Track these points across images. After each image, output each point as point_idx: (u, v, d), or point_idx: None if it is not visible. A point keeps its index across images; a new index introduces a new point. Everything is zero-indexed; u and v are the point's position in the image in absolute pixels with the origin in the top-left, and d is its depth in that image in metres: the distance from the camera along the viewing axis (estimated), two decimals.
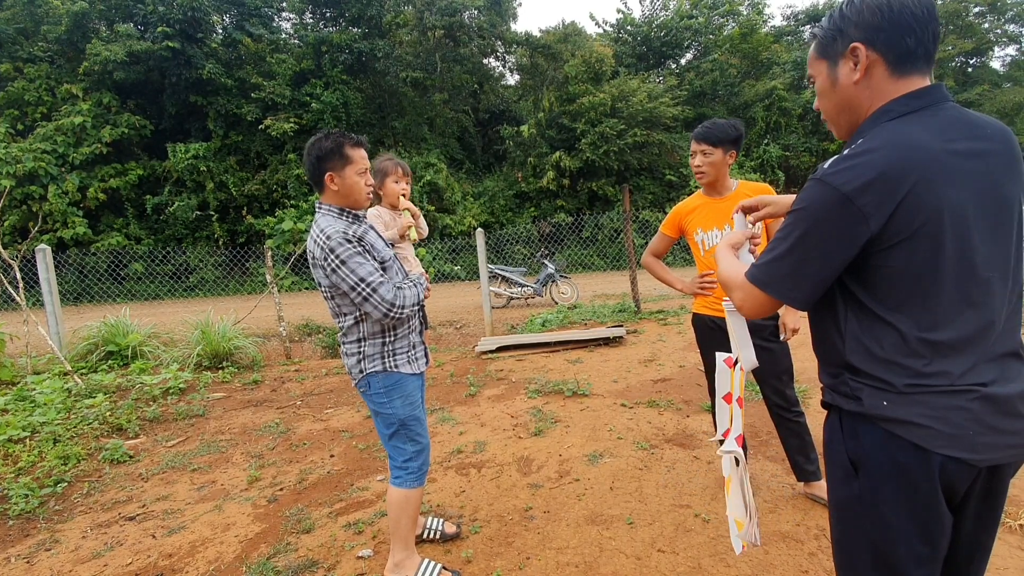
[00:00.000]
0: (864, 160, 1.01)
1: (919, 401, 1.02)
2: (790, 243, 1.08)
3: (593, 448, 3.40)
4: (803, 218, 1.07)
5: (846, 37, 1.10)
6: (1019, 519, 2.36)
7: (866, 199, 0.99)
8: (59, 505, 3.16)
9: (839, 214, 1.01)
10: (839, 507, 1.17)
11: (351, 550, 2.49)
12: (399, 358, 2.10)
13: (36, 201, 14.36)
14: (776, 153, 18.31)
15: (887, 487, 1.06)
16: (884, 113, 1.08)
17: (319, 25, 19.33)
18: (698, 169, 2.50)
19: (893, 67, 1.07)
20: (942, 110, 1.06)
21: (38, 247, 5.99)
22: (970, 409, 1.00)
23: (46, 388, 4.76)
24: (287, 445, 3.88)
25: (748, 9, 22.82)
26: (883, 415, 1.05)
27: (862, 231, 1.01)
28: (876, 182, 0.99)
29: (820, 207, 1.04)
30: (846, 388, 1.11)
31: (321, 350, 6.88)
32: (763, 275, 1.13)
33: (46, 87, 15.69)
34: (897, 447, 1.04)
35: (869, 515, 1.10)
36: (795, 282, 1.09)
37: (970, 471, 1.03)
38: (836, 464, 1.15)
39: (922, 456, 1.02)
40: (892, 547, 1.08)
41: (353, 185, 2.01)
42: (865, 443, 1.08)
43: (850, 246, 1.03)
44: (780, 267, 1.10)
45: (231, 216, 16.55)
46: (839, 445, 1.14)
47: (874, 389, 1.06)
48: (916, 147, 1.00)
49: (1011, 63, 27.04)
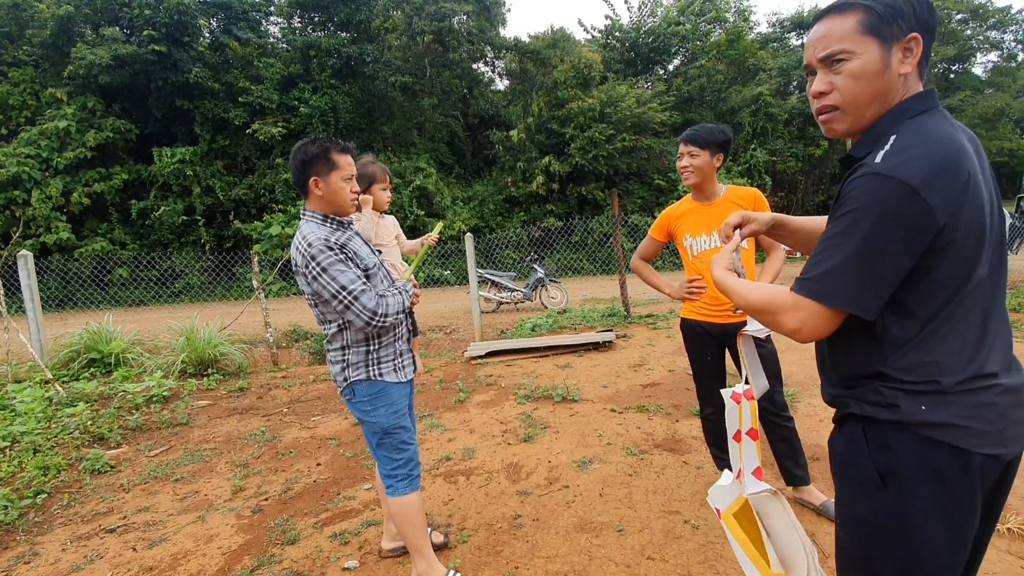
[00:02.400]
0: (920, 151, 0.96)
1: (954, 401, 1.00)
2: (854, 246, 0.98)
3: (583, 454, 3.39)
4: (864, 216, 0.96)
5: (907, 23, 1.02)
6: (1007, 523, 2.37)
7: (932, 191, 0.93)
8: (38, 517, 3.09)
9: (907, 207, 0.94)
10: (859, 523, 1.10)
11: (337, 561, 2.45)
12: (384, 366, 2.07)
13: (19, 206, 14.11)
14: (763, 158, 18.46)
15: (922, 496, 1.01)
16: (904, 111, 1.06)
17: (307, 29, 19.22)
18: (684, 170, 2.50)
19: (922, 68, 1.08)
20: (942, 112, 1.07)
21: (19, 253, 5.89)
22: (997, 403, 1.00)
23: (26, 397, 4.66)
24: (273, 454, 3.82)
25: (735, 16, 23.06)
26: (922, 420, 1.01)
27: (931, 225, 0.94)
28: (940, 173, 0.94)
29: (884, 201, 0.95)
30: (878, 396, 1.05)
31: (309, 356, 6.81)
32: (825, 287, 1.01)
33: (30, 91, 15.45)
34: (935, 453, 1.00)
35: (898, 529, 1.04)
36: (866, 289, 0.99)
37: (999, 467, 1.02)
38: (856, 478, 1.09)
39: (961, 457, 0.99)
40: (920, 559, 1.03)
41: (338, 191, 1.98)
42: (898, 452, 1.03)
43: (919, 243, 0.95)
44: (845, 275, 0.99)
45: (218, 221, 16.37)
46: (862, 458, 1.07)
47: (911, 394, 1.02)
48: (959, 142, 0.99)
49: (993, 69, 27.57)
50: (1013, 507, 2.50)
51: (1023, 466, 1.18)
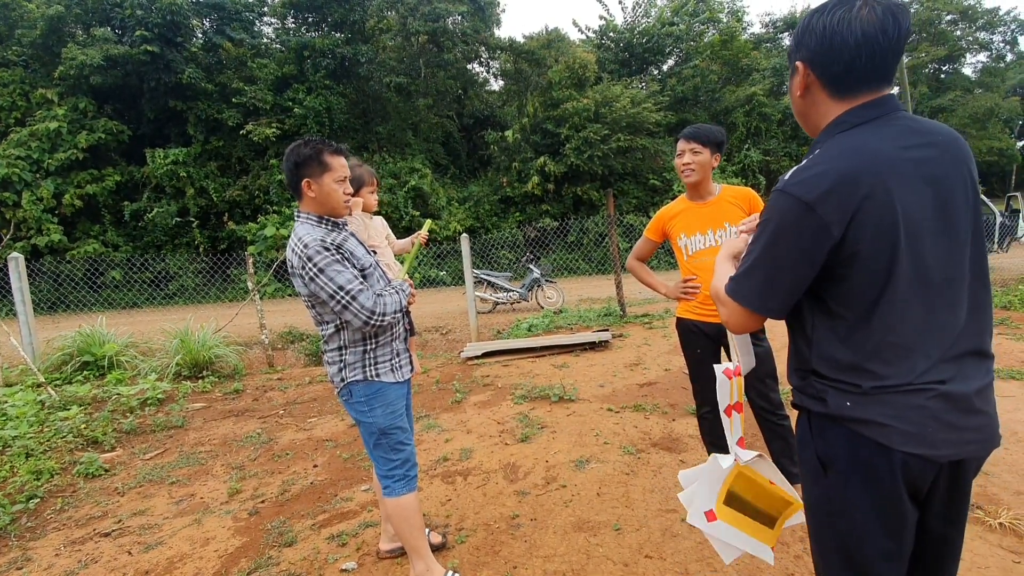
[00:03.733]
0: (821, 169, 1.04)
1: (880, 401, 1.05)
2: (758, 254, 1.12)
3: (580, 454, 3.39)
4: (769, 229, 1.09)
5: (795, 55, 1.16)
6: (999, 517, 2.39)
7: (827, 207, 1.01)
8: (31, 522, 3.07)
9: (803, 223, 1.04)
10: (810, 507, 1.21)
11: (334, 563, 2.45)
12: (381, 366, 2.07)
13: (9, 208, 13.99)
14: (757, 158, 18.56)
15: (852, 485, 1.10)
16: (838, 124, 1.12)
17: (301, 30, 19.15)
18: (687, 167, 2.50)
19: (830, 90, 1.12)
20: (895, 119, 1.08)
21: (10, 255, 5.84)
22: (928, 407, 1.03)
23: (18, 400, 4.62)
24: (269, 456, 3.81)
25: (728, 17, 23.17)
26: (847, 415, 1.08)
27: (826, 238, 1.03)
28: (835, 189, 1.01)
29: (784, 217, 1.07)
30: (812, 390, 1.14)
31: (304, 358, 6.79)
32: (738, 287, 1.16)
33: (20, 92, 15.31)
34: (861, 445, 1.07)
35: (837, 513, 1.13)
36: (767, 293, 1.12)
37: (931, 467, 1.06)
38: (807, 463, 1.19)
39: (884, 453, 1.05)
40: (859, 544, 1.11)
41: (331, 193, 1.98)
42: (832, 442, 1.12)
43: (816, 254, 1.05)
44: (750, 279, 1.14)
45: (212, 222, 16.27)
46: (808, 445, 1.17)
47: (838, 391, 1.09)
48: (870, 154, 1.03)
49: (982, 69, 27.82)
50: (1005, 502, 2.53)
51: (1013, 462, 1.19)
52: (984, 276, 1.11)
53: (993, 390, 1.11)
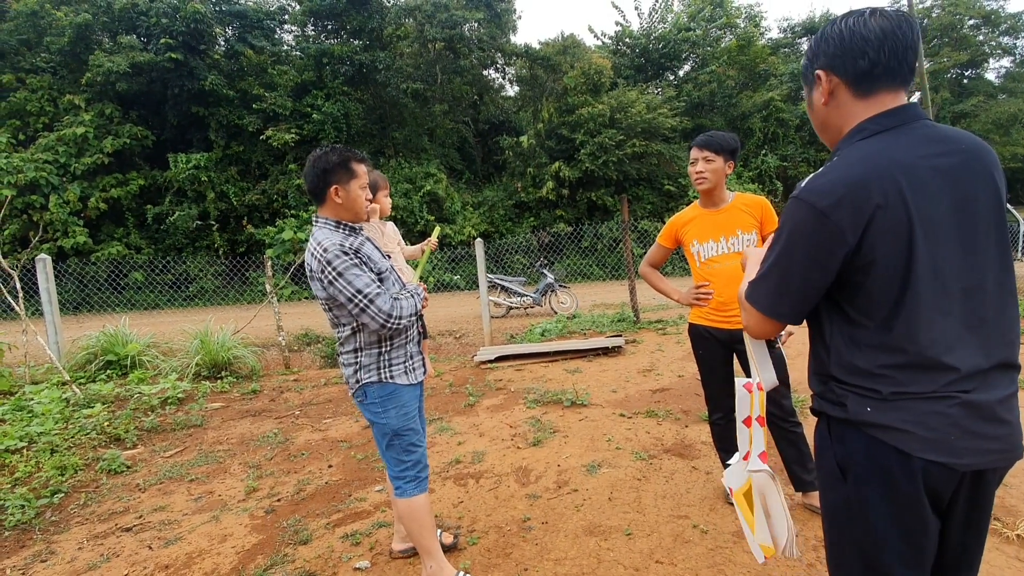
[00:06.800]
0: (836, 176, 1.05)
1: (901, 407, 1.04)
2: (772, 260, 1.13)
3: (591, 458, 3.40)
4: (784, 235, 1.11)
5: (814, 65, 1.17)
6: (1016, 529, 2.36)
7: (841, 214, 1.02)
8: (55, 516, 3.15)
9: (817, 230, 1.05)
10: (829, 512, 1.20)
11: (348, 562, 2.49)
12: (395, 368, 2.11)
13: (37, 211, 14.37)
14: (774, 163, 18.41)
15: (871, 491, 1.09)
16: (858, 132, 1.12)
17: (320, 37, 19.46)
18: (700, 175, 2.51)
19: (855, 88, 1.12)
20: (916, 127, 1.08)
21: (38, 256, 6.01)
22: (950, 414, 1.02)
23: (44, 398, 4.75)
24: (285, 455, 3.87)
25: (745, 22, 23.04)
26: (867, 420, 1.07)
27: (840, 245, 1.04)
28: (848, 197, 1.02)
29: (798, 224, 1.08)
30: (832, 395, 1.14)
31: (320, 360, 6.87)
32: (754, 293, 1.18)
33: (48, 98, 15.76)
34: (880, 452, 1.07)
35: (856, 519, 1.12)
36: (779, 298, 1.14)
37: (953, 475, 1.05)
38: (825, 469, 1.18)
39: (904, 460, 1.04)
40: (878, 551, 1.10)
41: (356, 199, 2.06)
42: (851, 448, 1.11)
43: (830, 261, 1.06)
44: (766, 283, 1.15)
45: (231, 226, 16.57)
46: (828, 451, 1.17)
47: (858, 396, 1.09)
48: (887, 162, 1.03)
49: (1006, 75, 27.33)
50: (1023, 514, 2.49)
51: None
52: (1010, 285, 1.09)
53: (1018, 400, 1.09)
